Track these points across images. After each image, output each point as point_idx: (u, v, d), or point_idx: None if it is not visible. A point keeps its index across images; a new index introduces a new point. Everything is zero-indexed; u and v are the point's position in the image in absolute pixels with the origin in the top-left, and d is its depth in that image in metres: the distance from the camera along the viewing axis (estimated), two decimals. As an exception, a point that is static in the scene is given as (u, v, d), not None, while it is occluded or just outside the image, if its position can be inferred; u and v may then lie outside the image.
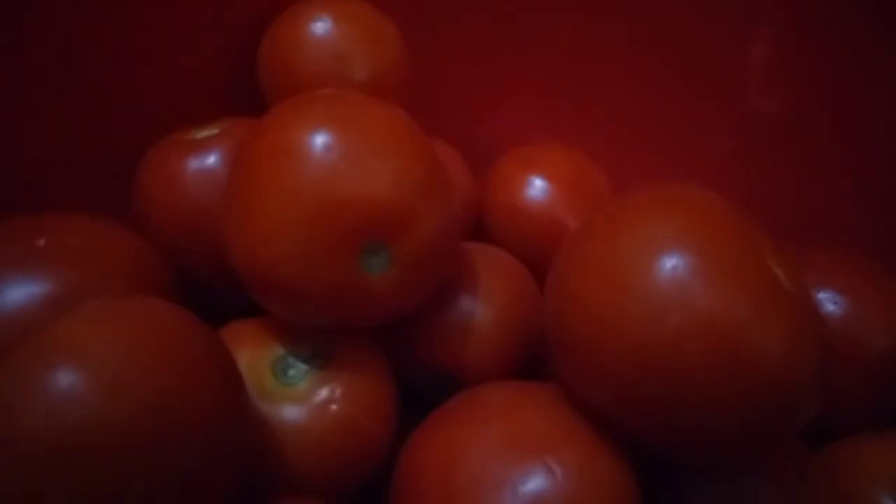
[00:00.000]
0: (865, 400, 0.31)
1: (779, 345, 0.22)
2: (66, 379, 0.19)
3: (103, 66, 0.34)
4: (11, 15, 0.30)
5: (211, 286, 0.30)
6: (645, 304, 0.22)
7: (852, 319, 0.30)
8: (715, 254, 0.23)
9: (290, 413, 0.26)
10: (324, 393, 0.26)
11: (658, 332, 0.22)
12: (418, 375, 0.30)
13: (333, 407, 0.26)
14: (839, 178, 0.40)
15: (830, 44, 0.38)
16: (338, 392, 0.26)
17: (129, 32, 0.34)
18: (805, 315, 0.23)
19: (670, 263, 0.22)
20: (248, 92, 0.36)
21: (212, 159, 0.30)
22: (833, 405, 0.25)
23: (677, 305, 0.22)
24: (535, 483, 0.22)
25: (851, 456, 0.30)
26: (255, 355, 0.27)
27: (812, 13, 0.37)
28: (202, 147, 0.31)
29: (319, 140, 0.25)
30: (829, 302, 0.30)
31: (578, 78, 0.43)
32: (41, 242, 0.25)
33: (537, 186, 0.38)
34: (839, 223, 0.40)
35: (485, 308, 0.30)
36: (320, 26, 0.33)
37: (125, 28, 0.34)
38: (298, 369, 0.27)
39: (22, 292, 0.24)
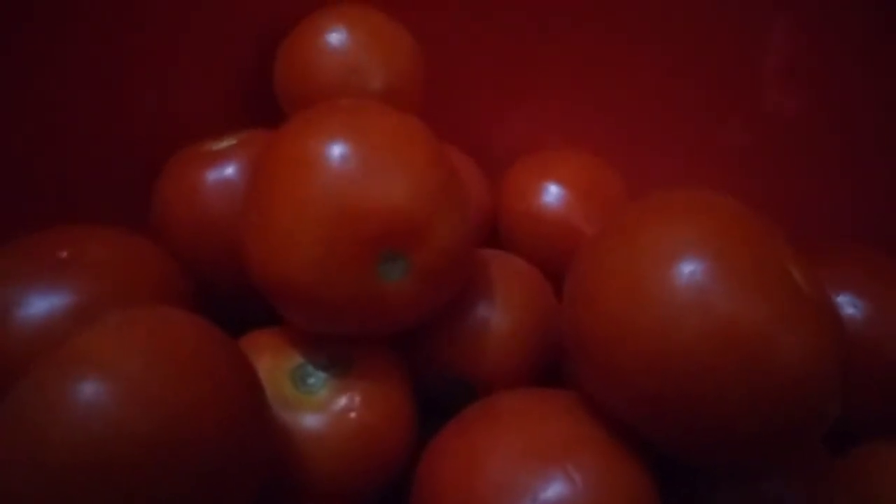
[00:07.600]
0: (886, 404, 0.31)
1: (799, 350, 0.22)
2: (89, 391, 0.19)
3: (121, 79, 0.34)
4: (45, 28, 0.31)
5: (229, 296, 0.30)
6: (663, 310, 0.22)
7: (872, 323, 0.30)
8: (733, 258, 0.22)
9: (310, 421, 0.26)
10: (343, 401, 0.26)
11: (677, 337, 0.22)
12: (436, 383, 0.30)
13: (352, 415, 0.26)
14: (856, 178, 0.39)
15: (846, 43, 0.37)
16: (357, 400, 0.26)
17: (147, 45, 0.34)
18: (825, 320, 0.23)
19: (689, 268, 0.22)
20: (265, 103, 0.36)
21: (230, 170, 0.31)
22: (853, 409, 0.25)
23: (696, 311, 0.22)
24: (555, 490, 0.22)
25: (872, 460, 0.30)
26: (274, 364, 0.27)
27: (827, 14, 0.37)
28: (220, 158, 0.31)
29: (336, 150, 0.25)
30: (848, 305, 0.30)
31: (592, 82, 0.43)
32: (63, 254, 0.26)
33: (552, 193, 0.38)
34: (857, 223, 0.39)
35: (501, 315, 0.30)
36: (335, 37, 0.34)
37: (143, 41, 0.34)
38: (317, 377, 0.27)
39: (44, 304, 0.24)
